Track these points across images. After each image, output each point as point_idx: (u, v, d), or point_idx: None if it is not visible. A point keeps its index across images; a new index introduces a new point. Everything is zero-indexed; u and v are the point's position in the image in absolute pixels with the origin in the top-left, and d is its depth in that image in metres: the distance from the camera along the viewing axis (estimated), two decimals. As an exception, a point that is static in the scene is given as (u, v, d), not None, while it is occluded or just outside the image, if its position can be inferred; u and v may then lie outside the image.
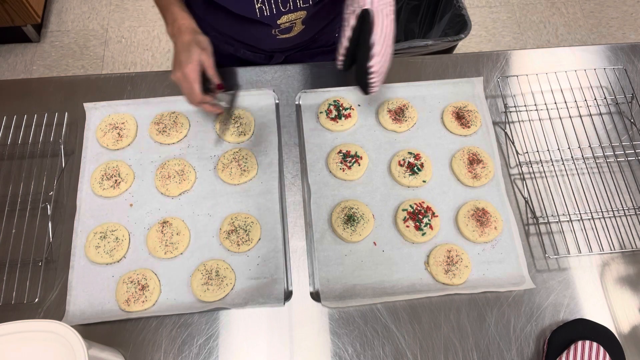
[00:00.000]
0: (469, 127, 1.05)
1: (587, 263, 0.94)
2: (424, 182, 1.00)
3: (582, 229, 0.96)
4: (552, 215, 0.97)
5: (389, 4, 0.83)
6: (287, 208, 0.99)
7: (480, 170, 1.00)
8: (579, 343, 0.82)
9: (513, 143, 1.04)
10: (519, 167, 1.03)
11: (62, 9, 2.56)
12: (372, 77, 0.86)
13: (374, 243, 0.95)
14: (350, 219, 0.95)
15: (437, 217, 0.96)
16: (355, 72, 0.87)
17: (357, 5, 0.81)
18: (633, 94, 1.08)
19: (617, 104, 1.09)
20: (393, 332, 0.88)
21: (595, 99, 1.09)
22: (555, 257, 0.94)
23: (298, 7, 1.00)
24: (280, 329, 0.88)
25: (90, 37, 2.48)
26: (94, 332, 0.87)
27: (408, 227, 0.95)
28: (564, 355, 0.82)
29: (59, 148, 1.03)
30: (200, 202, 0.99)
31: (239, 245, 0.93)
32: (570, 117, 1.07)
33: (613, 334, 0.85)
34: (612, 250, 0.94)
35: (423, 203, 0.97)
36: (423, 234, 0.94)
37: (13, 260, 0.93)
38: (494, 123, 1.07)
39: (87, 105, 1.07)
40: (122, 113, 1.07)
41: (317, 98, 1.09)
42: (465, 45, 2.41)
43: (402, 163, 1.01)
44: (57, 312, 0.89)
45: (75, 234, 0.95)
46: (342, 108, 1.06)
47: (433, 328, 0.88)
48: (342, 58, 0.87)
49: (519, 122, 1.07)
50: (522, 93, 1.10)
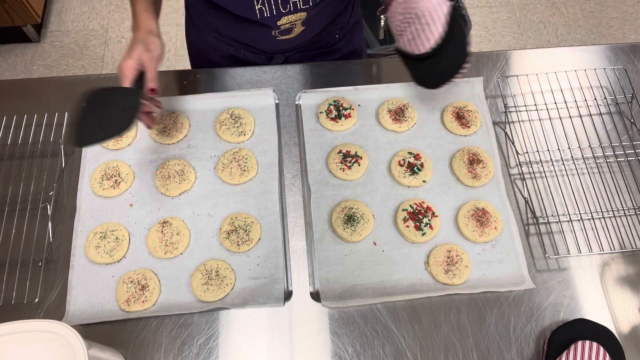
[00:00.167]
0: (469, 127, 1.05)
1: (587, 263, 0.94)
2: (424, 182, 1.00)
3: (582, 229, 0.96)
4: (552, 215, 0.97)
5: None
6: (287, 208, 0.99)
7: (480, 170, 1.00)
8: (579, 343, 0.82)
9: (513, 143, 1.04)
10: (519, 167, 1.03)
11: (62, 9, 2.56)
12: (461, 73, 0.86)
13: (374, 243, 0.95)
14: (350, 219, 0.95)
15: (437, 217, 0.96)
16: (436, 65, 0.84)
17: None
18: (633, 94, 1.08)
19: (617, 104, 1.09)
20: (393, 332, 0.88)
21: (595, 99, 1.09)
22: (555, 257, 0.94)
23: (298, 8, 1.00)
24: (280, 329, 0.88)
25: (90, 37, 2.48)
26: (94, 332, 0.87)
27: (408, 227, 0.95)
28: (564, 355, 0.82)
29: (59, 148, 1.03)
30: (200, 202, 0.99)
31: (239, 245, 0.93)
32: (570, 117, 1.07)
33: (613, 334, 0.85)
34: (612, 250, 0.94)
35: (423, 203, 0.97)
36: (423, 234, 0.94)
37: (13, 260, 0.93)
38: (494, 123, 1.07)
39: (87, 105, 1.07)
40: (122, 113, 1.07)
41: (317, 98, 1.09)
42: (466, 45, 2.41)
43: (402, 163, 1.01)
44: (57, 312, 0.89)
45: (75, 234, 0.95)
46: (342, 108, 1.06)
47: (433, 328, 0.88)
48: (434, 45, 0.82)
49: (519, 122, 1.07)
50: (522, 93, 1.10)
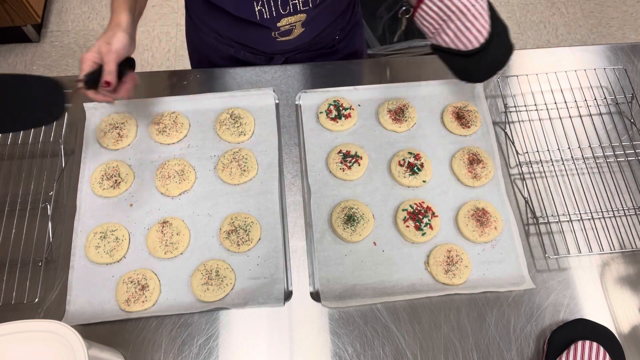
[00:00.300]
0: (469, 127, 1.05)
1: (587, 263, 0.94)
2: (424, 182, 1.00)
3: (582, 229, 0.96)
4: (552, 215, 0.97)
5: None
6: (287, 208, 0.99)
7: (480, 170, 1.00)
8: (579, 343, 0.82)
9: (513, 143, 1.04)
10: (519, 167, 1.03)
11: (62, 9, 2.56)
12: (507, 65, 0.82)
13: (374, 243, 0.95)
14: (350, 219, 0.95)
15: (437, 217, 0.96)
16: (485, 59, 0.80)
17: None
18: (633, 94, 1.08)
19: (617, 104, 1.09)
20: (393, 332, 0.88)
21: (595, 99, 1.09)
22: (555, 257, 0.94)
23: (298, 9, 1.00)
24: (280, 329, 0.88)
25: (90, 37, 2.48)
26: (94, 332, 0.87)
27: (408, 227, 0.95)
28: (564, 355, 0.82)
29: (59, 148, 1.03)
30: (200, 202, 0.99)
31: (239, 245, 0.93)
32: (570, 117, 1.07)
33: (613, 334, 0.85)
34: (612, 250, 0.94)
35: (423, 203, 0.97)
36: (423, 234, 0.94)
37: (13, 260, 0.93)
38: (494, 123, 1.07)
39: (87, 105, 1.07)
40: (122, 113, 1.07)
41: (317, 98, 1.09)
42: (466, 45, 2.41)
43: (402, 163, 1.01)
44: (57, 312, 0.89)
45: (75, 234, 0.95)
46: (342, 108, 1.06)
47: (433, 328, 0.88)
48: (483, 40, 0.78)
49: (519, 122, 1.07)
50: (522, 93, 1.10)
